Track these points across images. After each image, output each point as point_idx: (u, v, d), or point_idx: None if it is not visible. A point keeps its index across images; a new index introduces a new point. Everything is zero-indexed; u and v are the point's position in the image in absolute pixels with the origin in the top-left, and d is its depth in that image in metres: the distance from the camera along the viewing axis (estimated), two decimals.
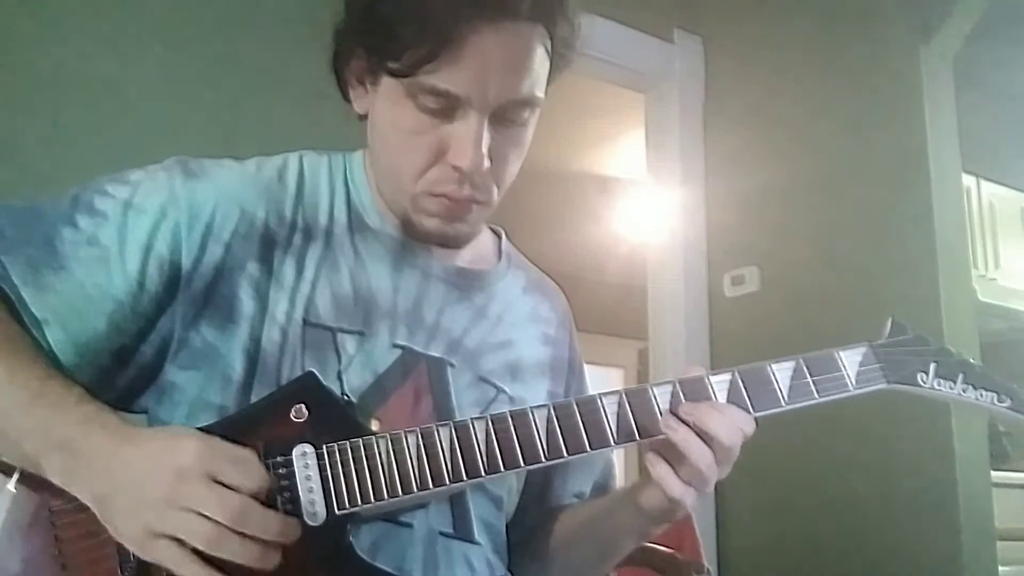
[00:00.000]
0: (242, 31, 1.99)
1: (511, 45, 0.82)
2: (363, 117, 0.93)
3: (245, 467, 0.73)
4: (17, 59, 1.74)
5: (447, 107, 0.83)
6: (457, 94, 0.82)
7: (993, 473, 2.19)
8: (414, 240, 0.94)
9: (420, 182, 0.87)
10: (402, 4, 0.81)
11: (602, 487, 1.08)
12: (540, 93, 0.87)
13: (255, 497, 0.71)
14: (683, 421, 0.81)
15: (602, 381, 1.09)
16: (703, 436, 0.80)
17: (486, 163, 0.85)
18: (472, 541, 0.92)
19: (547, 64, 0.87)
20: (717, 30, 2.79)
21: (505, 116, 0.86)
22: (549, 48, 0.86)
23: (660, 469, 0.81)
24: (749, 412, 0.84)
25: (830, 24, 2.46)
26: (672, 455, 0.81)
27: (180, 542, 0.70)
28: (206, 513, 0.69)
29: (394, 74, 0.83)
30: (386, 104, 0.87)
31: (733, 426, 0.81)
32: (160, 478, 0.70)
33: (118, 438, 0.74)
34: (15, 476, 0.78)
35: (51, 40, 1.78)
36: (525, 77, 0.84)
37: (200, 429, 0.80)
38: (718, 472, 0.81)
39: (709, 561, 1.84)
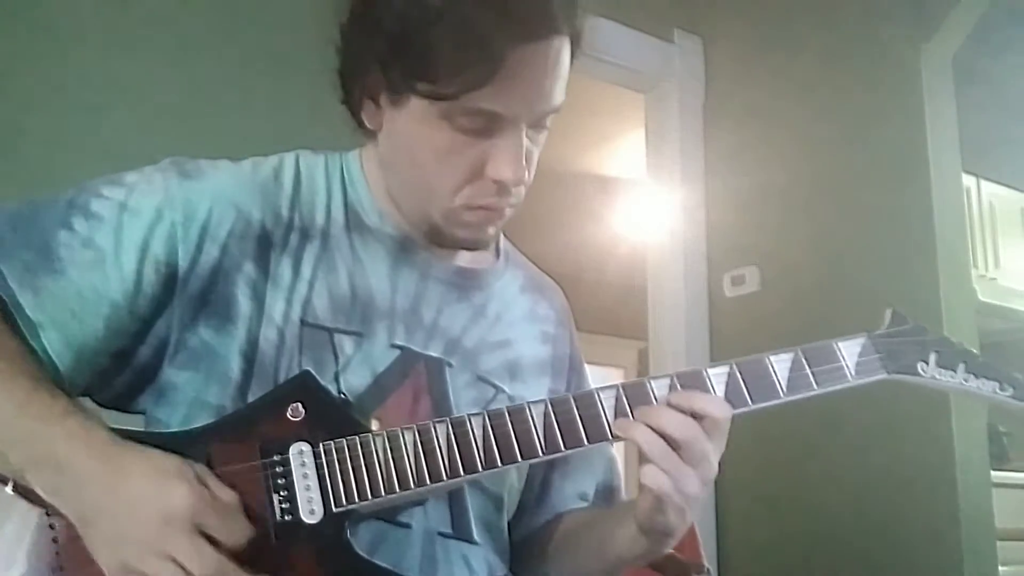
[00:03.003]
0: (242, 31, 1.99)
1: (550, 60, 0.83)
2: (369, 131, 0.92)
3: (230, 521, 0.73)
4: (18, 59, 1.74)
5: (486, 125, 0.83)
6: (504, 114, 0.82)
7: (993, 473, 2.19)
8: (441, 247, 0.94)
9: (458, 197, 0.87)
10: (443, 30, 0.80)
11: (607, 488, 1.07)
12: (564, 97, 0.88)
13: (235, 552, 0.72)
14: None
15: (602, 381, 1.09)
16: (657, 433, 0.79)
17: (526, 174, 0.86)
18: (471, 541, 0.92)
19: (569, 68, 0.88)
20: (717, 30, 2.79)
21: (537, 124, 0.87)
22: (571, 55, 0.87)
23: (644, 467, 0.79)
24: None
25: (830, 24, 2.46)
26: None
27: None
28: (184, 565, 0.70)
29: (430, 96, 0.82)
30: (415, 124, 0.85)
31: (680, 419, 0.79)
32: (146, 520, 0.71)
33: (105, 461, 0.74)
34: (11, 481, 0.78)
35: (52, 41, 1.78)
36: (560, 87, 0.86)
37: (198, 429, 0.81)
38: (686, 468, 0.78)
39: (709, 561, 1.84)
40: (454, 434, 0.79)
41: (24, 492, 0.77)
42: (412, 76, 0.82)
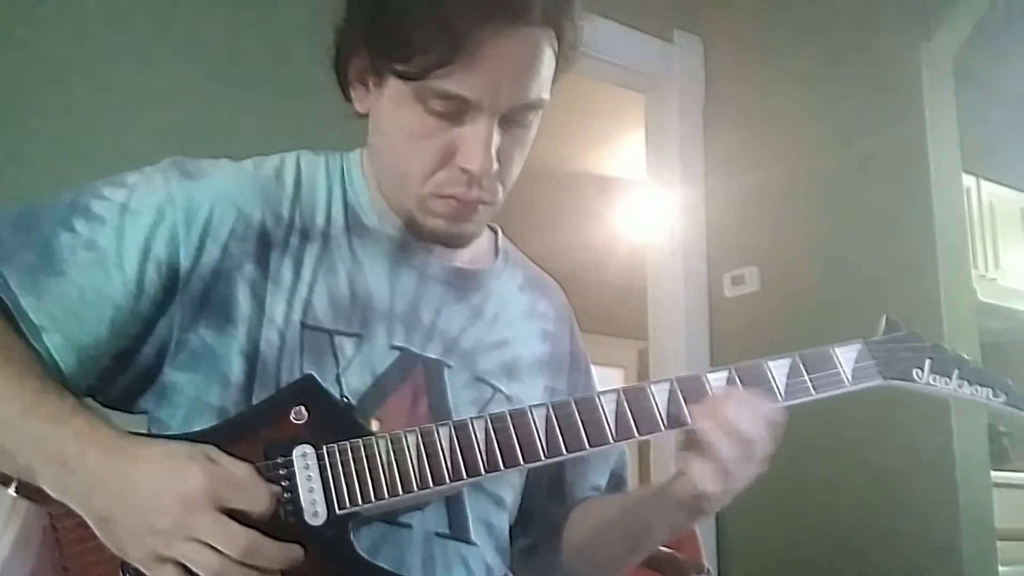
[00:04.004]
0: (242, 31, 1.99)
1: (523, 50, 0.83)
2: (362, 116, 0.93)
3: (250, 491, 0.74)
4: (18, 60, 1.74)
5: (457, 110, 0.83)
6: (469, 98, 0.82)
7: (993, 473, 2.19)
8: (419, 240, 0.94)
9: (428, 184, 0.87)
10: (414, 7, 0.81)
11: (617, 477, 1.08)
12: (546, 96, 0.87)
13: (261, 519, 0.73)
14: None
15: (602, 381, 1.09)
16: (727, 429, 0.80)
17: (495, 166, 0.85)
18: (468, 541, 0.91)
19: (553, 66, 0.87)
20: (717, 30, 2.79)
21: (513, 118, 0.86)
22: (556, 50, 0.86)
23: (692, 464, 0.81)
24: (777, 400, 0.84)
25: (830, 24, 2.46)
26: (700, 449, 0.81)
27: (185, 567, 0.71)
28: (216, 546, 0.70)
29: (403, 77, 0.83)
30: (392, 106, 0.87)
31: (755, 416, 0.80)
32: (167, 506, 0.71)
33: (113, 454, 0.74)
34: (15, 482, 0.78)
35: (52, 41, 1.78)
36: (535, 81, 0.85)
37: (201, 431, 0.81)
38: (746, 467, 0.81)
39: (709, 561, 1.84)
40: (456, 437, 0.79)
41: (29, 493, 0.77)
42: (388, 55, 0.83)
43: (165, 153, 0.93)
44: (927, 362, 0.89)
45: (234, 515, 0.72)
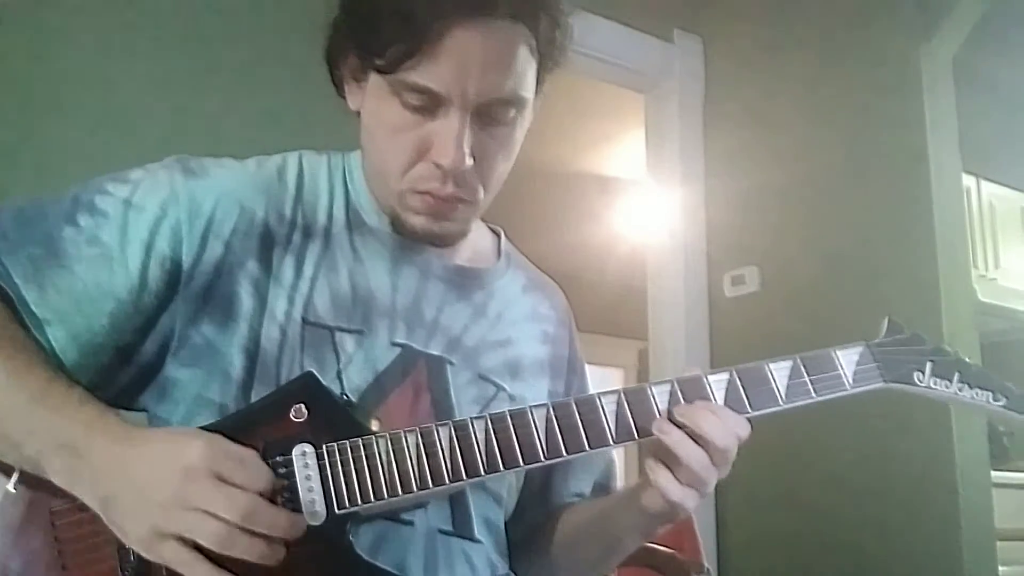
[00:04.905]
0: (241, 31, 1.99)
1: (490, 43, 0.82)
2: (359, 114, 0.93)
3: (250, 466, 0.73)
4: (17, 61, 1.74)
5: (430, 104, 0.84)
6: (437, 91, 0.82)
7: (993, 473, 2.19)
8: (404, 237, 0.94)
9: (405, 179, 0.88)
10: (380, 2, 0.82)
11: (603, 487, 1.08)
12: (525, 93, 0.87)
13: (261, 495, 0.72)
14: (677, 424, 0.81)
15: (602, 381, 1.09)
16: (697, 439, 0.80)
17: (468, 161, 0.85)
18: (472, 539, 0.92)
19: (533, 64, 0.87)
20: (717, 30, 2.79)
21: (489, 115, 0.86)
22: (534, 48, 0.86)
23: (659, 474, 0.81)
24: (745, 413, 0.84)
25: (830, 24, 2.46)
26: (669, 458, 0.81)
27: (188, 542, 0.70)
28: (216, 512, 0.69)
29: (379, 71, 0.84)
30: (373, 101, 0.88)
31: (727, 429, 0.81)
32: (167, 478, 0.71)
33: (121, 440, 0.74)
34: (15, 476, 0.78)
35: (50, 42, 1.78)
36: (507, 76, 0.84)
37: (200, 428, 0.80)
38: (716, 473, 0.81)
39: (709, 561, 1.84)
40: (456, 437, 0.79)
41: (30, 483, 0.77)
42: (368, 51, 0.84)
43: (162, 153, 0.93)
44: (928, 365, 0.89)
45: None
